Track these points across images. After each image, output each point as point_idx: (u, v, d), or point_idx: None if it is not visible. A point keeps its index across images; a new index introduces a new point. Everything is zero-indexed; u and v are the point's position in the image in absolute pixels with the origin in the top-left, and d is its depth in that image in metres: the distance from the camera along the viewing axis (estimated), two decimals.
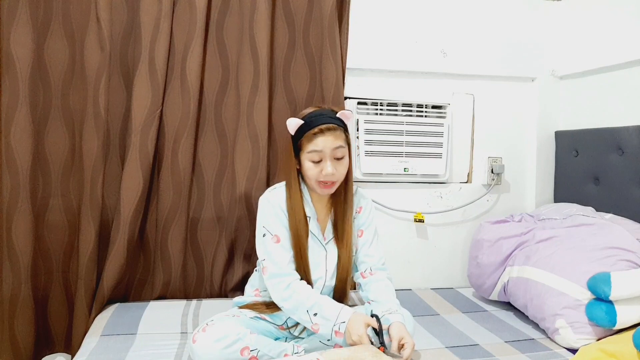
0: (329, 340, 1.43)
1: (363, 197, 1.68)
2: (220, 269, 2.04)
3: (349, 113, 1.54)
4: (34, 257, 1.86)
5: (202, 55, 1.96)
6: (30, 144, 1.82)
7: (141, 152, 1.89)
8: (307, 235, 1.54)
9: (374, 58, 2.21)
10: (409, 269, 2.32)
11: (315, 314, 1.41)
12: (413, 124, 2.25)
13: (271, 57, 2.04)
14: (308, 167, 1.50)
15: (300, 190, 1.56)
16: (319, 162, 1.48)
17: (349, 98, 2.20)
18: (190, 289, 2.05)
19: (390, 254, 2.28)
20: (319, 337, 1.46)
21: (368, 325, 1.38)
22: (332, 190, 1.53)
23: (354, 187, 1.66)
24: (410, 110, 2.28)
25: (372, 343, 1.35)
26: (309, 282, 1.53)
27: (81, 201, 1.89)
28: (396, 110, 2.27)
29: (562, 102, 2.42)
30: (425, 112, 2.30)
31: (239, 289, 2.01)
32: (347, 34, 2.11)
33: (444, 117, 2.31)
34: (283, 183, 1.59)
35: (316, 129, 1.46)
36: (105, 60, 1.86)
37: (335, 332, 1.38)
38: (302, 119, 1.50)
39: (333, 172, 1.48)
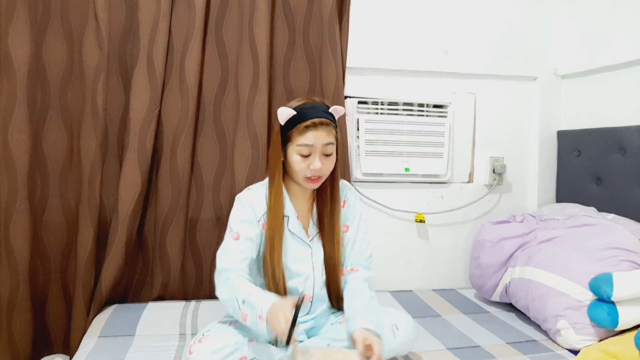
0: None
1: (347, 189, 1.60)
2: None
3: (341, 109, 1.49)
4: (32, 257, 1.85)
5: (201, 54, 1.95)
6: (28, 143, 1.81)
7: (140, 152, 1.88)
8: (281, 235, 1.48)
9: (375, 57, 2.20)
10: (410, 269, 2.31)
11: (243, 302, 1.33)
12: (414, 123, 2.23)
13: (271, 56, 2.02)
14: (295, 161, 1.44)
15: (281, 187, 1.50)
16: (307, 156, 1.43)
17: (349, 97, 2.19)
18: (189, 290, 2.04)
19: (391, 255, 2.29)
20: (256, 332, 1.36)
21: (294, 307, 1.25)
22: (318, 184, 1.48)
23: None
24: (411, 110, 2.27)
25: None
26: (277, 282, 1.45)
27: (79, 201, 1.88)
28: (397, 109, 2.25)
29: (564, 101, 2.41)
30: (427, 111, 2.29)
31: None
32: (347, 32, 2.10)
33: (445, 117, 2.30)
34: (259, 183, 1.55)
35: (309, 122, 1.40)
36: (103, 60, 1.85)
37: (259, 316, 1.29)
38: (295, 109, 1.42)
39: (321, 167, 1.43)
